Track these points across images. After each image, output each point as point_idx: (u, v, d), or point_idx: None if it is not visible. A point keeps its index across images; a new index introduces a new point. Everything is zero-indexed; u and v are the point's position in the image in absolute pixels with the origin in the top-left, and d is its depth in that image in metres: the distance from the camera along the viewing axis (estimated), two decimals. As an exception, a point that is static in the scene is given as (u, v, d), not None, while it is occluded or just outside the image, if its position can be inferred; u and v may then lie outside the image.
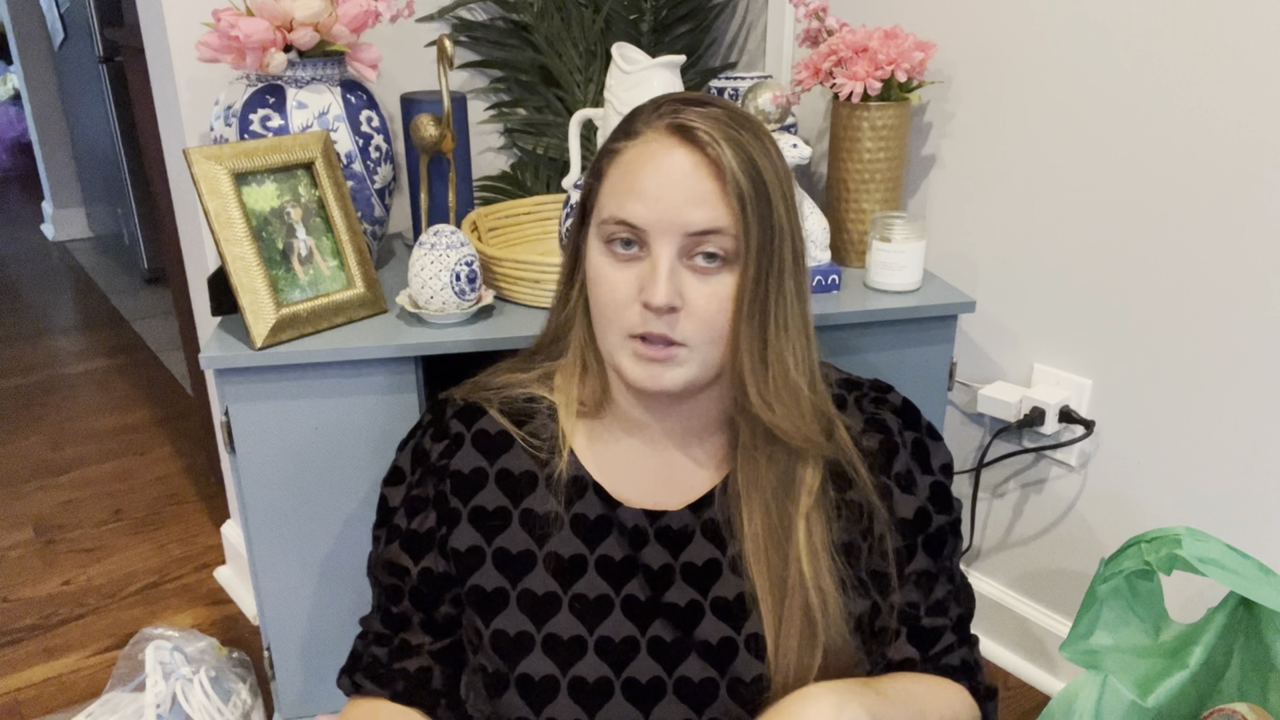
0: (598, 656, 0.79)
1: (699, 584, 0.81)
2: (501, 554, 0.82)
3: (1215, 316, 1.20)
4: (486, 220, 1.37)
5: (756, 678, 0.78)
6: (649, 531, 0.81)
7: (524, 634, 0.80)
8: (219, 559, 1.85)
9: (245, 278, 1.07)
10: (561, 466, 0.82)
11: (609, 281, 0.75)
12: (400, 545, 0.85)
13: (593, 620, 0.80)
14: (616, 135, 0.77)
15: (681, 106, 0.74)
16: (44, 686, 1.53)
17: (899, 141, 1.33)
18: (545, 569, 0.81)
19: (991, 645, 1.55)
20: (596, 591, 0.80)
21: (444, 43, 1.21)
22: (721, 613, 0.80)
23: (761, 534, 0.78)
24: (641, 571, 0.81)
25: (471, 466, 0.83)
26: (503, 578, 0.81)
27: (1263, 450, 1.19)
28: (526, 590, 0.81)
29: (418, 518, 0.84)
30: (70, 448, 2.33)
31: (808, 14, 1.36)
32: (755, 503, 0.79)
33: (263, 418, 1.10)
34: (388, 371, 1.11)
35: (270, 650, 1.21)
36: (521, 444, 0.84)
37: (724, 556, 0.81)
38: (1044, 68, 1.30)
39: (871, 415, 0.85)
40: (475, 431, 0.84)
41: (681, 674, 0.79)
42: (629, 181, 0.73)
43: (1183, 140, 1.18)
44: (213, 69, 1.35)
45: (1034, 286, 1.39)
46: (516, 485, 0.83)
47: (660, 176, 0.72)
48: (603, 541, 0.81)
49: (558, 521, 0.81)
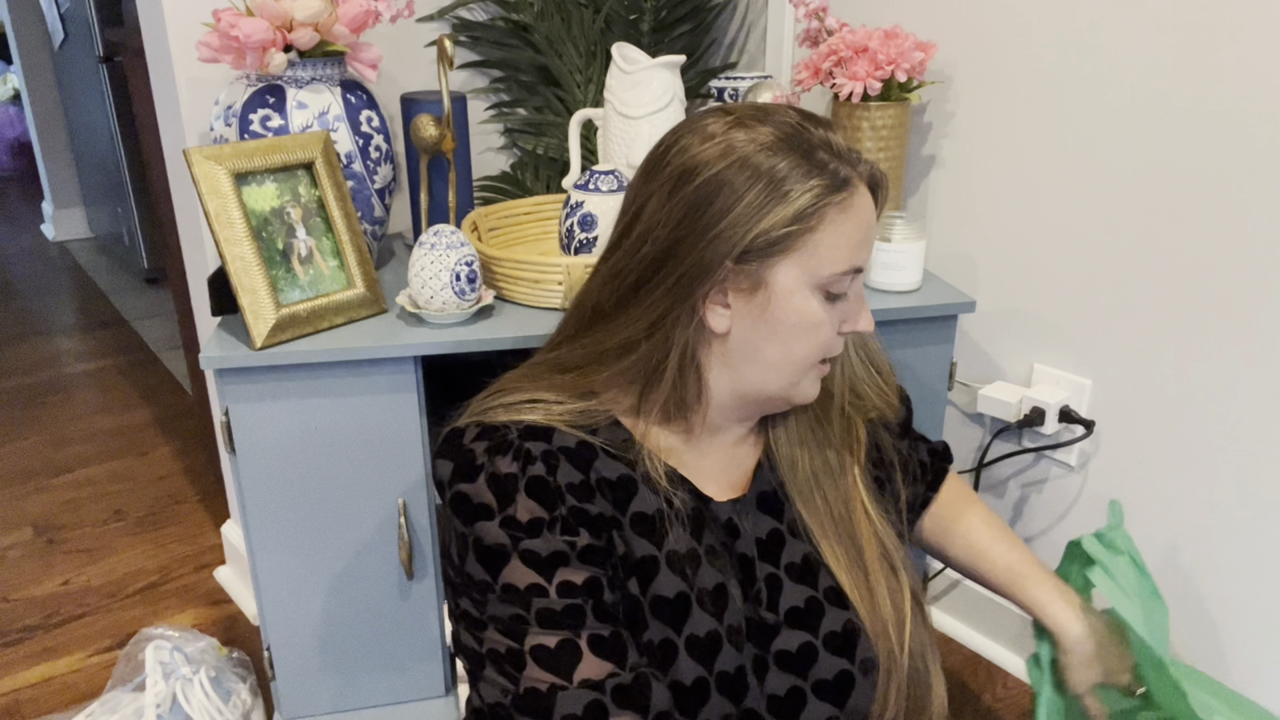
0: (732, 648, 0.78)
1: (770, 556, 0.83)
2: (626, 560, 0.78)
3: (1215, 316, 1.20)
4: (486, 220, 1.37)
5: (846, 624, 0.81)
6: (738, 520, 0.84)
7: (667, 642, 0.77)
8: (219, 559, 1.85)
9: (245, 278, 1.07)
10: (655, 465, 0.81)
11: (826, 326, 0.78)
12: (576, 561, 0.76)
13: (719, 612, 0.79)
14: (822, 180, 0.74)
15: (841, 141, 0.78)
16: (44, 686, 1.53)
17: (899, 141, 1.33)
18: (670, 569, 0.78)
19: (991, 645, 1.55)
20: (714, 582, 0.80)
21: (444, 43, 1.21)
22: (797, 576, 0.82)
23: (812, 487, 0.86)
24: (739, 560, 0.83)
25: (579, 479, 0.79)
26: (635, 585, 0.78)
27: (1263, 450, 1.18)
28: (658, 596, 0.77)
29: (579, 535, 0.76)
30: (70, 448, 2.33)
31: (808, 14, 1.36)
32: (800, 462, 0.86)
33: (263, 418, 1.10)
34: (388, 371, 1.11)
35: (270, 650, 1.21)
36: (604, 450, 0.81)
37: (782, 523, 0.85)
38: (1044, 67, 1.30)
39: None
40: (559, 447, 0.80)
41: (779, 648, 0.80)
42: (863, 230, 0.77)
43: (1183, 140, 1.18)
44: (213, 69, 1.35)
45: (1034, 286, 1.39)
46: (618, 491, 0.80)
47: (871, 223, 0.79)
48: (704, 532, 0.82)
49: (672, 518, 0.80)
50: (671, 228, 0.75)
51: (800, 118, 0.77)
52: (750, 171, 0.73)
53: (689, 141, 0.76)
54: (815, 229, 0.74)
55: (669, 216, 0.75)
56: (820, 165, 0.74)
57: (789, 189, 0.73)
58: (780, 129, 0.75)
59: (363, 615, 1.20)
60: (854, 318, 0.81)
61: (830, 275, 0.76)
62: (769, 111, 0.77)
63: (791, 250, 0.74)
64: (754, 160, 0.73)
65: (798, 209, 0.73)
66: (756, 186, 0.73)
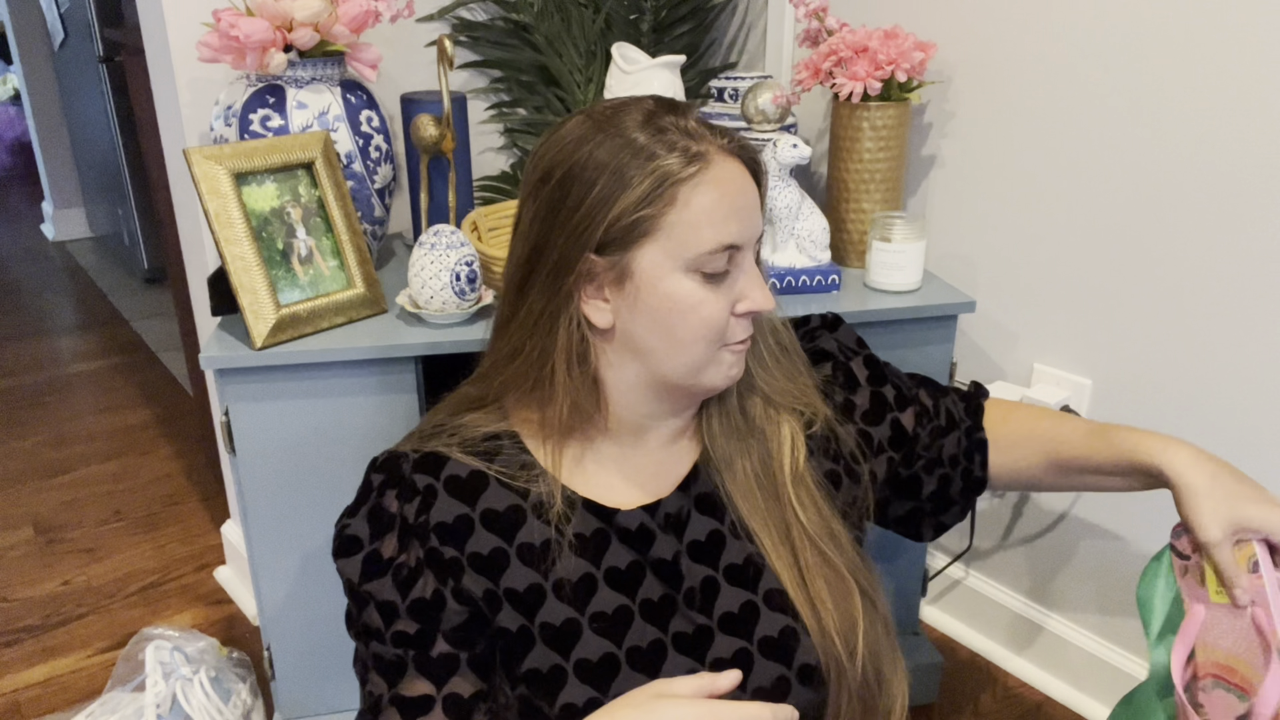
0: (632, 669, 0.78)
1: (708, 558, 0.81)
2: (511, 594, 0.79)
3: (1215, 316, 1.20)
4: (486, 220, 1.37)
5: (784, 629, 0.79)
6: (652, 526, 0.81)
7: (556, 667, 0.77)
8: (219, 559, 1.85)
9: (245, 278, 1.07)
10: (549, 489, 0.81)
11: (710, 305, 0.76)
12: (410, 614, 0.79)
13: (618, 634, 0.78)
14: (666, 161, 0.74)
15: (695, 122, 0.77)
16: (44, 686, 1.53)
17: (899, 141, 1.33)
18: (557, 597, 0.78)
19: (991, 645, 1.55)
20: (614, 605, 0.79)
21: (444, 43, 1.21)
22: (736, 579, 0.81)
23: (752, 487, 0.83)
24: (650, 569, 0.81)
25: (455, 514, 0.79)
26: (520, 616, 0.78)
27: (1262, 450, 1.19)
28: (545, 624, 0.78)
29: (415, 587, 0.79)
30: (70, 448, 2.33)
31: (808, 14, 1.36)
32: (737, 462, 0.83)
33: (263, 418, 1.10)
34: (388, 371, 1.11)
35: (270, 650, 1.21)
36: (497, 479, 0.81)
37: (723, 525, 0.82)
38: (1044, 67, 1.30)
39: (811, 349, 0.95)
40: (445, 479, 0.80)
41: (714, 657, 0.79)
42: (725, 205, 0.75)
43: (1183, 140, 1.18)
44: (213, 69, 1.35)
45: (1034, 286, 1.39)
46: (504, 522, 0.80)
47: (740, 196, 0.77)
48: (605, 553, 0.80)
49: (557, 547, 0.80)
50: (538, 227, 0.78)
51: (655, 105, 0.77)
52: (597, 164, 0.74)
53: (550, 144, 0.78)
54: (667, 210, 0.74)
55: (535, 216, 0.78)
56: (668, 146, 0.74)
57: (632, 174, 0.74)
58: (632, 119, 0.76)
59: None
60: (747, 296, 0.78)
61: (697, 255, 0.74)
62: (624, 105, 0.78)
63: (649, 235, 0.74)
64: (600, 153, 0.74)
65: (641, 193, 0.73)
66: (603, 177, 0.74)
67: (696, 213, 0.74)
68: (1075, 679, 1.45)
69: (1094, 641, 1.42)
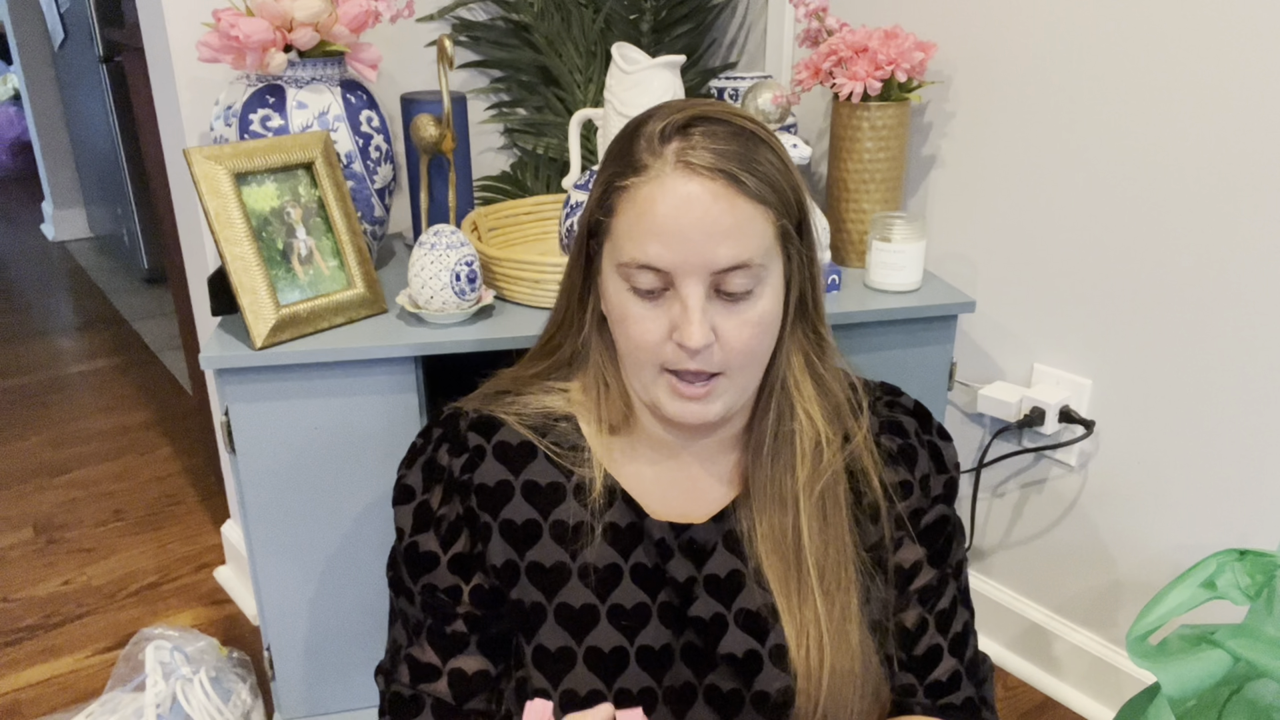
0: (640, 667, 0.77)
1: (723, 597, 0.79)
2: (535, 568, 0.79)
3: (1215, 316, 1.20)
4: (486, 220, 1.37)
5: (782, 690, 0.76)
6: (673, 545, 0.80)
7: (565, 649, 0.78)
8: (219, 559, 1.85)
9: (245, 278, 1.07)
10: (594, 474, 0.80)
11: (638, 321, 0.72)
12: (448, 568, 0.81)
13: (632, 630, 0.78)
14: (621, 165, 0.72)
15: (687, 132, 0.70)
16: (44, 686, 1.53)
17: (899, 141, 1.33)
18: (581, 580, 0.78)
19: (991, 645, 1.55)
20: (634, 600, 0.79)
21: (444, 43, 1.21)
22: (746, 625, 0.78)
23: (774, 541, 0.78)
24: (669, 583, 0.80)
25: (496, 479, 0.80)
26: (539, 592, 0.79)
27: (1262, 450, 1.19)
28: (564, 604, 0.78)
29: (458, 542, 0.81)
30: (70, 448, 2.33)
31: (808, 14, 1.36)
32: (768, 512, 0.79)
33: (263, 418, 1.10)
34: (387, 371, 1.11)
35: (270, 650, 1.21)
36: (546, 454, 0.81)
37: (746, 568, 0.79)
38: (1044, 68, 1.30)
39: (887, 418, 0.84)
40: (496, 443, 0.81)
41: (711, 682, 0.79)
42: (647, 222, 0.69)
43: (1183, 140, 1.18)
44: (213, 69, 1.35)
45: (1034, 286, 1.39)
46: (544, 496, 0.80)
47: (679, 215, 0.68)
48: (635, 549, 0.80)
49: (590, 532, 0.79)
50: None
51: (659, 112, 0.73)
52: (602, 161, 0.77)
53: None
54: (610, 216, 0.73)
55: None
56: (626, 153, 0.72)
57: (597, 177, 0.76)
58: (637, 121, 0.75)
59: (363, 615, 1.20)
60: (683, 329, 0.70)
61: (618, 265, 0.72)
62: (657, 106, 0.76)
63: (605, 236, 0.75)
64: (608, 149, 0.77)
65: (596, 196, 0.75)
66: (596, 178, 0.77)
67: (628, 223, 0.71)
68: (1075, 679, 1.45)
69: (1094, 641, 1.42)
